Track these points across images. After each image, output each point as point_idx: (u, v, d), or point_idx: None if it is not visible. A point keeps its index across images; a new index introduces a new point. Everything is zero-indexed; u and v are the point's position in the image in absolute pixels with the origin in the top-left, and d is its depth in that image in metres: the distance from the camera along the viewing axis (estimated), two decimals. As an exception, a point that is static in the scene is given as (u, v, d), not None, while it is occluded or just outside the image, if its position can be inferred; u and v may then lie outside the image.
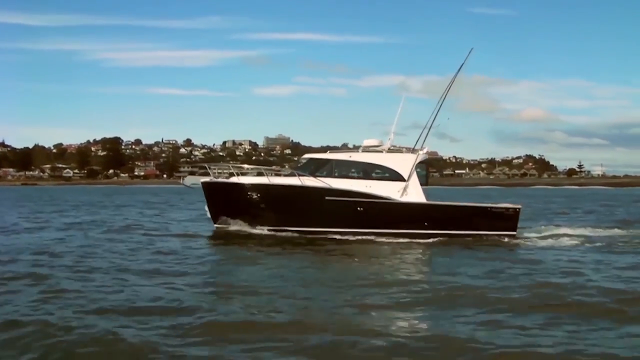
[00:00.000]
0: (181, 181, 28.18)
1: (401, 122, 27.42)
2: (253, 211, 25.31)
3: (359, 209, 24.96)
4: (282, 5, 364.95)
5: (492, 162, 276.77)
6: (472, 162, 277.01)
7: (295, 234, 24.71)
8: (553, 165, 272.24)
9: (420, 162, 26.18)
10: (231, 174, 27.29)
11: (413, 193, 25.60)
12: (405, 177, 25.57)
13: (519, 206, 26.44)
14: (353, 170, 26.03)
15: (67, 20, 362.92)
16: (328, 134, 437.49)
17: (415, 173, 25.75)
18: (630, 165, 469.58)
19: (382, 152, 26.73)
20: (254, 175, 27.67)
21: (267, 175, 26.51)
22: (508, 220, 25.76)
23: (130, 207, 52.08)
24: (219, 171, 31.29)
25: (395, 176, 25.66)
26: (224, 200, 25.96)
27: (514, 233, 25.52)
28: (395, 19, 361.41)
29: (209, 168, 28.54)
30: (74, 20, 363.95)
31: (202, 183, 26.32)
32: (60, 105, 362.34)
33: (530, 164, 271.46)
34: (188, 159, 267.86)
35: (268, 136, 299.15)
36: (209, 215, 26.50)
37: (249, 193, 25.30)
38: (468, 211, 26.73)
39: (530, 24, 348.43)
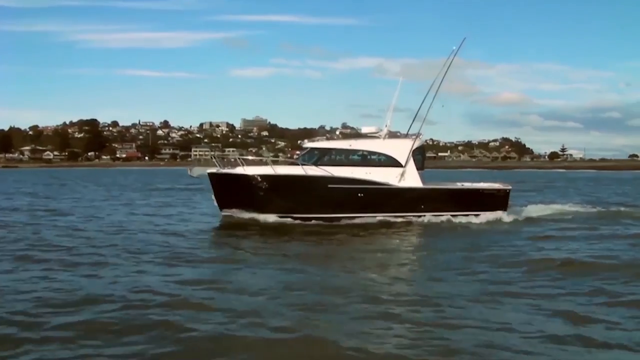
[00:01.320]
0: (188, 172, 28.76)
1: (379, 105, 28.76)
2: (259, 200, 26.18)
3: (359, 195, 26.13)
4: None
5: (468, 145, 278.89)
6: (449, 145, 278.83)
7: (301, 221, 25.65)
8: (529, 148, 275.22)
9: (416, 148, 27.33)
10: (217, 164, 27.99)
11: (410, 178, 26.83)
12: (403, 163, 26.75)
13: (509, 187, 27.91)
14: (353, 157, 27.10)
15: (40, 1, 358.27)
16: (305, 116, 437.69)
17: (412, 159, 26.91)
18: (603, 148, 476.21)
19: (379, 137, 27.84)
20: (256, 164, 28.72)
21: (271, 165, 27.39)
22: (499, 200, 27.22)
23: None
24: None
25: (393, 162, 26.82)
26: (231, 190, 26.85)
27: (505, 212, 27.02)
28: (373, 1, 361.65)
29: (214, 158, 28.92)
30: (47, 1, 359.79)
31: (209, 174, 27.09)
32: (34, 87, 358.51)
33: (507, 146, 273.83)
34: (165, 141, 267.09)
35: (245, 118, 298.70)
36: (215, 203, 27.41)
37: (255, 183, 26.20)
38: (461, 193, 28.11)
39: (506, 6, 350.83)
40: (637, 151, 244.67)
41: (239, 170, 27.03)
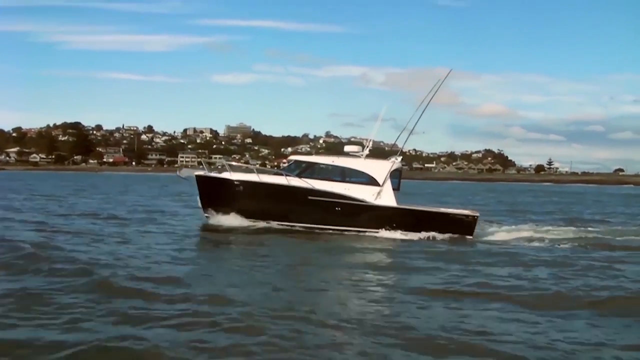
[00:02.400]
0: (177, 173, 30.62)
1: (361, 114, 30.63)
2: (241, 205, 27.90)
3: (337, 208, 27.77)
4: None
5: (451, 156, 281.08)
6: (432, 156, 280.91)
7: (279, 227, 27.46)
8: (511, 160, 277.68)
9: (394, 170, 28.86)
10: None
11: (386, 197, 28.24)
12: (380, 183, 28.19)
13: (477, 214, 29.08)
14: (334, 173, 28.71)
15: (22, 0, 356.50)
16: (288, 124, 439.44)
17: (389, 179, 28.43)
18: (585, 161, 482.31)
19: (360, 157, 29.43)
20: (244, 170, 30.53)
21: (257, 173, 29.06)
22: (466, 225, 28.51)
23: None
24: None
25: (371, 181, 28.30)
26: (215, 193, 28.52)
27: (471, 237, 28.14)
28: (358, 9, 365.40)
29: (203, 164, 30.79)
30: (27, 1, 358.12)
31: (196, 176, 28.79)
32: (15, 88, 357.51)
33: (490, 158, 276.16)
34: (150, 146, 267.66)
35: (229, 124, 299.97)
36: (199, 205, 29.10)
37: (238, 188, 27.87)
38: (432, 216, 29.38)
39: (492, 17, 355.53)
40: (619, 164, 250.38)
41: (225, 175, 28.67)
